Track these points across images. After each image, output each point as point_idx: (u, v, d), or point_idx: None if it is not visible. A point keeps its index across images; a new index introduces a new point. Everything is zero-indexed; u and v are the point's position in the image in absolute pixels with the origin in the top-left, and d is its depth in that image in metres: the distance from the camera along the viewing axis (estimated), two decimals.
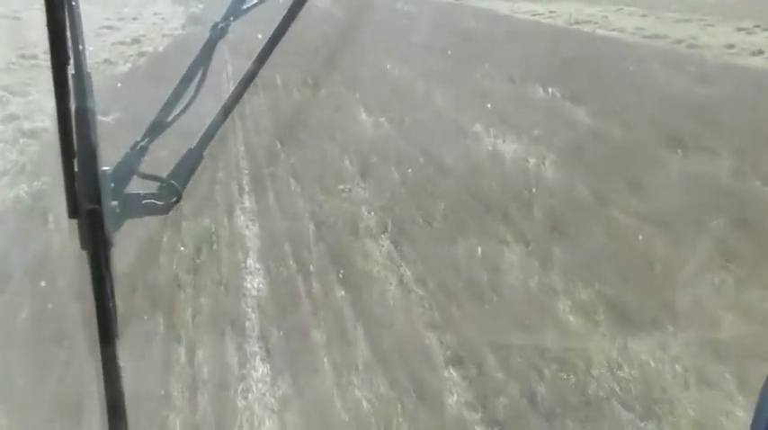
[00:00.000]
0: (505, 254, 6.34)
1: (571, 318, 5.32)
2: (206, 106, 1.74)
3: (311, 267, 6.24)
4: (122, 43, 16.34)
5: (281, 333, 5.38)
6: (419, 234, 6.85)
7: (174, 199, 1.67)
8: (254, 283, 6.14)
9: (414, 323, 5.51)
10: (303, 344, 5.24)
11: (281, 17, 1.69)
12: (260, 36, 1.70)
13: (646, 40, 17.22)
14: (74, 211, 1.46)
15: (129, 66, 14.03)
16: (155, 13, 22.31)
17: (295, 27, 1.71)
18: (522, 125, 9.77)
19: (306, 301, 5.79)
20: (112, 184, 1.57)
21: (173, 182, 1.66)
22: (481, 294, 5.75)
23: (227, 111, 1.68)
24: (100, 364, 1.51)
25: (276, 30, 1.69)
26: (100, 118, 1.47)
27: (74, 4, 1.40)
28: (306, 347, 5.21)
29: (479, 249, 6.41)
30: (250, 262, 6.50)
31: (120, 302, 1.57)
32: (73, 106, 1.41)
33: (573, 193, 7.49)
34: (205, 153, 1.70)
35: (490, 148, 9.01)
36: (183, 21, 20.16)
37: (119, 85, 11.94)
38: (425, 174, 8.20)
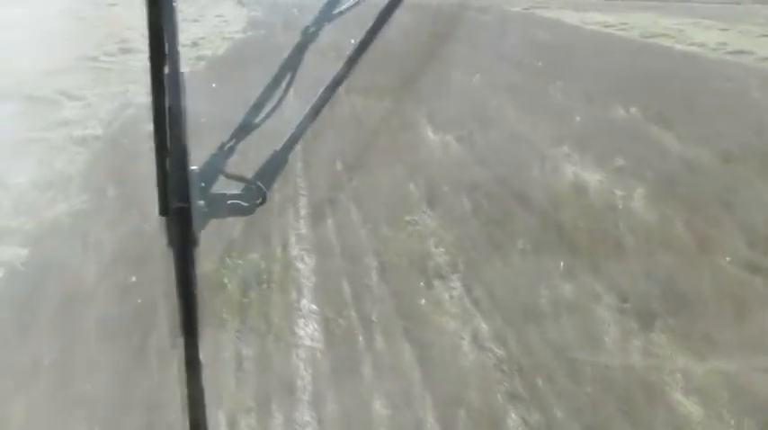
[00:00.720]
0: (597, 310, 5.41)
1: (684, 400, 4.37)
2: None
3: (373, 316, 5.41)
4: (181, 46, 15.79)
5: (338, 399, 4.56)
6: (495, 278, 5.96)
7: (260, 200, 1.65)
8: (308, 331, 5.34)
9: (491, 393, 4.63)
10: (363, 415, 4.41)
11: (373, 20, 1.67)
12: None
13: (731, 57, 15.98)
14: (164, 209, 1.45)
15: (186, 70, 13.37)
16: (217, 15, 21.83)
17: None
18: (604, 150, 8.79)
19: (367, 359, 4.96)
20: (201, 184, 1.58)
21: (258, 183, 1.64)
22: (571, 361, 4.84)
23: (314, 113, 1.67)
24: (182, 362, 1.48)
25: (367, 33, 1.66)
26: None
27: (173, 4, 1.37)
28: (366, 420, 4.38)
29: (567, 303, 5.51)
30: (304, 303, 5.70)
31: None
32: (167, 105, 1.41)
33: (671, 235, 6.51)
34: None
35: (571, 177, 8.06)
36: (245, 24, 19.60)
37: None
38: (500, 205, 7.30)
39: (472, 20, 20.85)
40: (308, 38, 1.74)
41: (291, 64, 1.73)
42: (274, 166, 1.66)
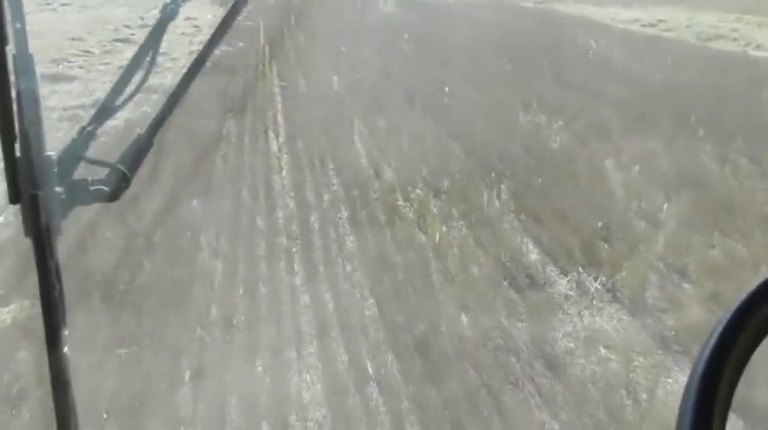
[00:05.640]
0: None
1: None
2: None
3: None
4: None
5: None
6: None
7: (124, 184, 1.49)
8: None
9: None
10: None
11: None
12: None
13: None
14: (15, 197, 1.29)
15: (125, 116, 8.59)
16: (186, 18, 16.85)
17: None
18: None
19: None
20: (57, 170, 1.40)
21: (120, 167, 1.49)
22: None
23: (176, 97, 1.53)
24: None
25: (227, 15, 1.56)
26: None
27: None
28: None
29: None
30: None
31: None
32: (14, 89, 1.23)
33: None
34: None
35: None
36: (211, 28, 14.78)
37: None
38: None
39: (476, 17, 16.11)
40: (166, 16, 1.54)
41: (151, 44, 1.52)
42: (138, 150, 1.49)
